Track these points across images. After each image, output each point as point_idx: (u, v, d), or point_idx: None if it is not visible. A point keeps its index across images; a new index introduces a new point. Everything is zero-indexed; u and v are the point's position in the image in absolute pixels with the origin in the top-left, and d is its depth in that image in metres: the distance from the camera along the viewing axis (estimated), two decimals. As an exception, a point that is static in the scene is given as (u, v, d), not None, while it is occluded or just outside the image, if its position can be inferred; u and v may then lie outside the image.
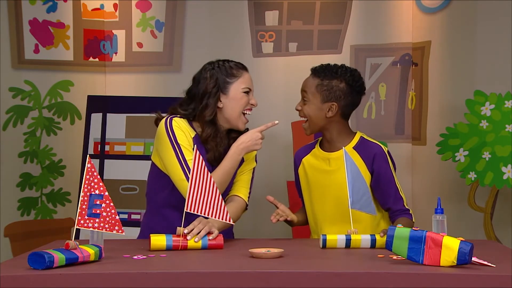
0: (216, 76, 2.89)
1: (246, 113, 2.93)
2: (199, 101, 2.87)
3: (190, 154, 2.79)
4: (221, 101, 2.88)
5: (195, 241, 2.58)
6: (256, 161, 3.03)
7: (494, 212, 3.82)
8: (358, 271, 2.17)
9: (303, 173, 3.09)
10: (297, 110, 3.05)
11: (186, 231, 2.58)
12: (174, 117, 2.88)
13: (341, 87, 2.98)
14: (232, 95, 2.89)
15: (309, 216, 3.10)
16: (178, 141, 2.83)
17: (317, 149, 3.09)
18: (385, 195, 2.99)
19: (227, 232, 2.91)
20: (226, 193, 2.92)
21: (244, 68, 2.95)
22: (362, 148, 3.01)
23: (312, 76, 3.01)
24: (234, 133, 2.94)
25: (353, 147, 3.01)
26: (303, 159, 3.10)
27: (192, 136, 2.87)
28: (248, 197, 2.97)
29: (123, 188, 3.96)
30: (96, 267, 2.25)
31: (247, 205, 2.95)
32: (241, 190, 2.95)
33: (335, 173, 2.98)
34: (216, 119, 2.89)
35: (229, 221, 2.61)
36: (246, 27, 4.20)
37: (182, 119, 2.88)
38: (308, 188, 3.08)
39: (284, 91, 4.18)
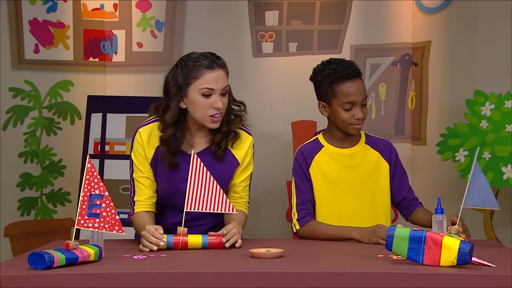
0: (177, 76, 2.74)
1: (213, 116, 2.75)
2: (164, 100, 2.80)
3: (140, 172, 2.82)
4: (184, 103, 2.76)
5: (226, 246, 2.59)
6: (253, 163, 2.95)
7: (494, 212, 3.82)
8: (358, 271, 2.17)
9: (317, 172, 3.01)
10: (361, 119, 2.96)
11: (224, 231, 2.60)
12: (143, 126, 2.85)
13: None
14: (191, 99, 2.74)
15: (328, 214, 3.01)
16: (132, 157, 2.85)
17: (329, 146, 3.05)
18: (401, 185, 3.06)
19: None
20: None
21: (209, 66, 2.73)
22: (374, 142, 3.08)
23: (360, 78, 2.98)
24: (219, 133, 2.83)
25: (365, 142, 3.06)
26: (315, 158, 3.03)
27: (157, 145, 2.81)
28: (248, 206, 2.93)
29: (123, 188, 3.96)
30: (96, 267, 2.25)
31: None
32: (242, 206, 2.89)
33: (358, 167, 3.01)
34: (183, 119, 2.80)
35: (233, 210, 2.64)
36: (246, 27, 4.20)
37: (153, 125, 2.84)
38: (329, 186, 3.01)
39: (284, 91, 4.18)
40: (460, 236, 2.58)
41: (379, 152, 3.05)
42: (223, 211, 2.63)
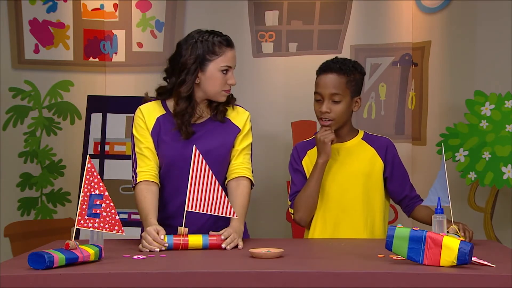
0: (197, 51, 2.80)
1: (226, 90, 2.84)
2: (178, 75, 2.83)
3: (141, 143, 2.83)
4: (198, 77, 2.82)
5: (226, 249, 2.58)
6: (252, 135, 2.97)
7: (494, 212, 3.82)
8: (358, 271, 2.17)
9: (309, 164, 3.04)
10: (323, 112, 2.96)
11: (223, 237, 2.60)
12: (143, 104, 2.91)
13: (361, 80, 3.03)
14: (209, 74, 2.81)
15: (319, 206, 3.03)
16: (133, 132, 2.87)
17: None
18: (402, 183, 3.07)
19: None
20: (223, 175, 2.89)
21: (228, 44, 2.84)
22: (371, 139, 3.08)
23: (337, 74, 2.96)
24: (215, 102, 2.88)
25: (361, 138, 3.07)
26: (308, 152, 3.07)
27: (158, 116, 2.85)
28: (252, 174, 2.92)
29: (123, 188, 3.96)
30: (96, 267, 2.25)
31: (253, 184, 2.92)
32: (246, 171, 2.88)
33: (350, 161, 3.02)
34: (192, 92, 2.84)
35: (233, 215, 2.63)
36: (246, 27, 4.20)
37: (153, 102, 2.89)
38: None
39: (284, 91, 4.18)
40: (460, 236, 2.58)
41: (375, 149, 3.05)
42: (223, 215, 2.63)
